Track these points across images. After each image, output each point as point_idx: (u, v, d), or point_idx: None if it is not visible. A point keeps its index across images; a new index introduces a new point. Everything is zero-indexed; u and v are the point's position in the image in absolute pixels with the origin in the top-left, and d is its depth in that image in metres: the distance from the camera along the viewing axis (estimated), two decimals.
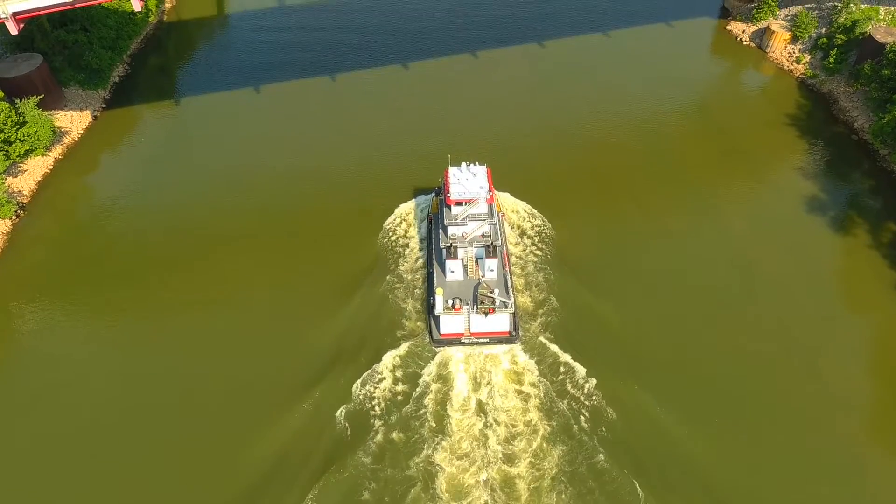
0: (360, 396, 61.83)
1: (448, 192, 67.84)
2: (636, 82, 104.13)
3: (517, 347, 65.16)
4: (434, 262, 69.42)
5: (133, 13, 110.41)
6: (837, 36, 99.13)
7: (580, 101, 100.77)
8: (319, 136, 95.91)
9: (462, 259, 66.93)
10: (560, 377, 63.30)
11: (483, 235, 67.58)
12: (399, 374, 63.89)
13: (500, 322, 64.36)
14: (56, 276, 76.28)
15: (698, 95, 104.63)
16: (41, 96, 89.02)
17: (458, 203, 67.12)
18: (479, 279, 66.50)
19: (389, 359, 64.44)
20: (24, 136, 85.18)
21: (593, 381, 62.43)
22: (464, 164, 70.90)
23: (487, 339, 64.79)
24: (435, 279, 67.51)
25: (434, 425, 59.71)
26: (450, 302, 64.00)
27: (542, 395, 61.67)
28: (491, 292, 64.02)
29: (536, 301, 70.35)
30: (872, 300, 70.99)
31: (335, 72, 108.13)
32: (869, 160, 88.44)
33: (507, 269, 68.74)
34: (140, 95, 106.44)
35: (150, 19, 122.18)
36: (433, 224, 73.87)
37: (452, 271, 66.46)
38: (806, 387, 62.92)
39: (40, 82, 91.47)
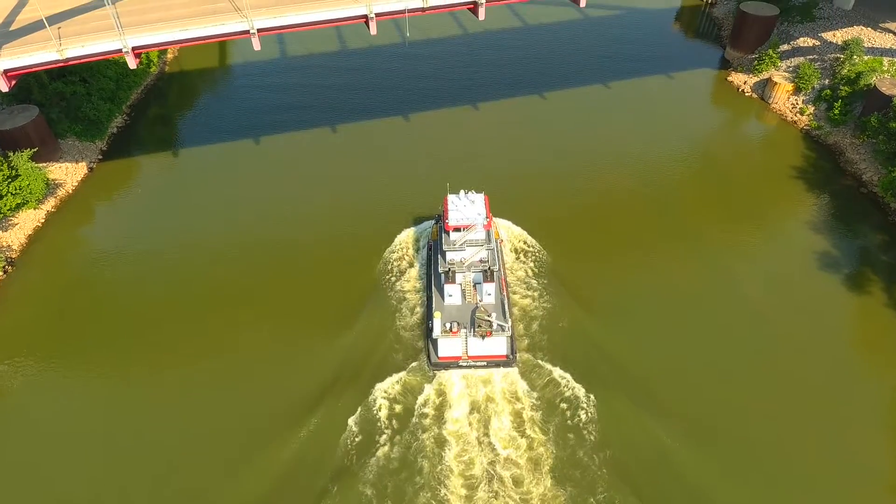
0: (357, 428, 62.28)
1: (447, 219, 69.67)
2: (638, 133, 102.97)
3: (515, 372, 65.67)
4: (433, 286, 70.83)
5: None
6: (841, 88, 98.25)
7: (582, 152, 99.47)
8: (320, 183, 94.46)
9: (460, 284, 67.73)
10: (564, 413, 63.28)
11: (481, 261, 69.02)
12: (397, 396, 64.90)
13: (497, 345, 64.93)
14: (44, 335, 73.67)
15: (701, 146, 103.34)
16: (35, 149, 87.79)
17: (457, 229, 68.97)
18: (476, 303, 67.27)
19: (387, 386, 65.24)
20: (15, 189, 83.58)
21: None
22: (462, 192, 72.83)
23: (485, 363, 65.50)
24: (433, 303, 68.52)
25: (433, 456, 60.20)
26: (448, 325, 64.75)
27: (550, 452, 60.45)
28: (488, 316, 64.77)
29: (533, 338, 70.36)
30: (891, 362, 67.97)
31: (336, 124, 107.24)
32: (880, 213, 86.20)
33: (505, 293, 69.93)
34: (138, 146, 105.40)
35: (151, 70, 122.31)
36: (433, 250, 75.42)
37: (451, 295, 67.46)
38: (824, 451, 60.33)
39: (35, 135, 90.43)
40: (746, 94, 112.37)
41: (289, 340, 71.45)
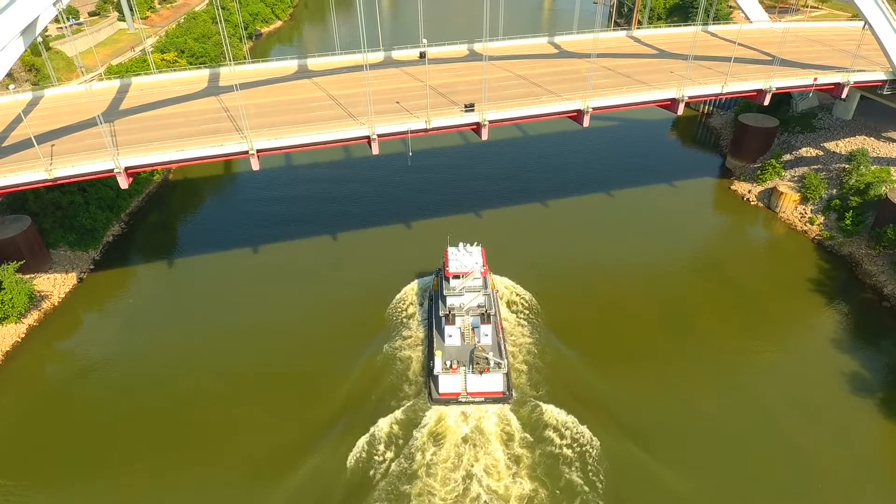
0: (357, 463, 63.88)
1: (447, 266, 76.91)
2: (645, 242, 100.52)
3: (509, 409, 68.75)
4: (434, 330, 76.36)
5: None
6: (851, 198, 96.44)
7: (586, 259, 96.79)
8: (318, 292, 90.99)
9: (459, 326, 73.25)
10: None
11: (478, 305, 74.94)
12: (398, 432, 67.13)
13: (494, 382, 69.11)
14: (15, 462, 66.84)
15: (710, 255, 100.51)
16: (23, 261, 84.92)
17: (456, 276, 75.60)
18: (474, 344, 72.08)
19: (387, 423, 67.58)
20: None
21: None
22: (461, 244, 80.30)
23: (482, 399, 69.19)
24: (434, 344, 73.85)
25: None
26: (448, 363, 69.64)
27: None
28: (486, 354, 69.39)
29: None
30: None
31: (336, 231, 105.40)
32: None
33: (501, 335, 74.96)
34: (133, 256, 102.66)
35: (154, 178, 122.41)
36: (433, 299, 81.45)
37: (451, 336, 73.05)
38: None
39: (25, 246, 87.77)
40: (752, 203, 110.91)
41: (291, 439, 66.98)
